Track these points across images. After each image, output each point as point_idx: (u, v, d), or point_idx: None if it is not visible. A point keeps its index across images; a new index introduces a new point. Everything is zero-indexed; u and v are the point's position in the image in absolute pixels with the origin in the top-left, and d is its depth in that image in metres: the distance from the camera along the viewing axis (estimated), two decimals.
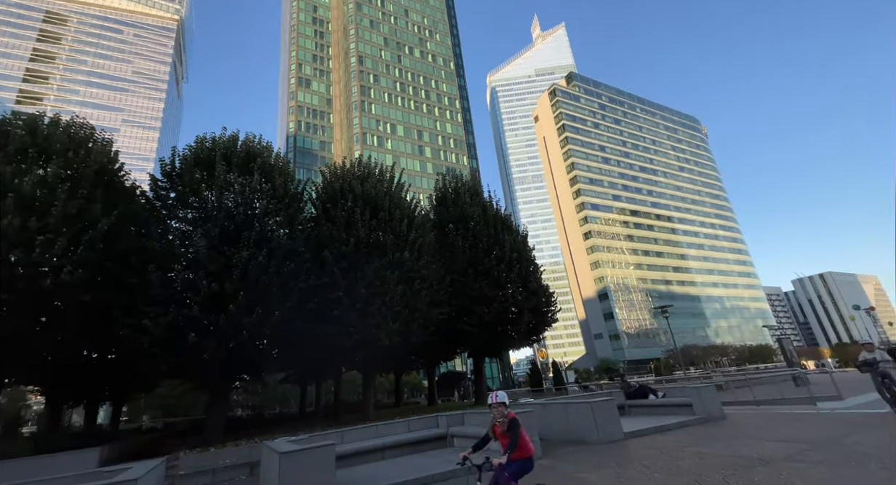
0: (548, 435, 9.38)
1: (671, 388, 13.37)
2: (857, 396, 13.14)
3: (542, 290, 22.40)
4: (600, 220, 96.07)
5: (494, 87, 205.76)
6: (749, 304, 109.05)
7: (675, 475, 5.30)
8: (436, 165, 73.43)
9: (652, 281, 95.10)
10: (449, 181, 23.85)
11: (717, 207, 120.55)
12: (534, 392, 38.50)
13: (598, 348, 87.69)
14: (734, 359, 75.67)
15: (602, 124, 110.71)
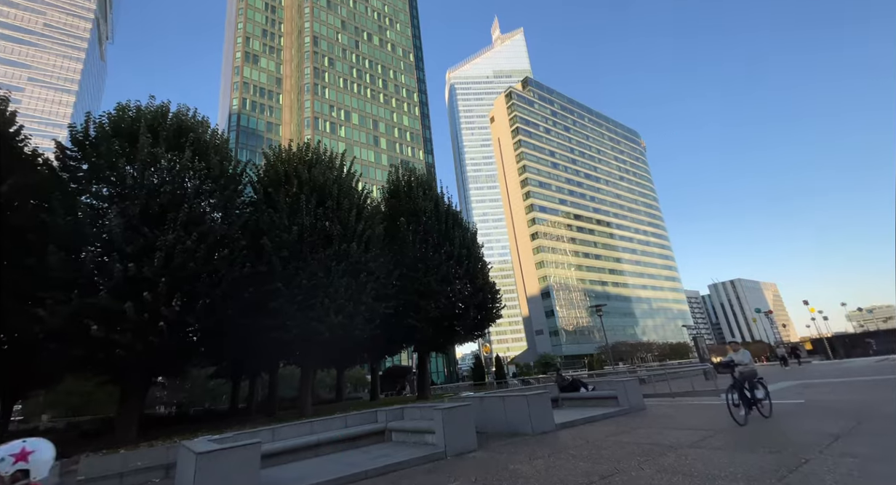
0: (486, 428, 9.58)
1: (601, 382, 14.26)
2: None
3: (488, 286, 22.89)
4: (547, 222, 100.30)
5: (453, 84, 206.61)
6: (672, 305, 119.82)
7: (598, 463, 5.61)
8: (390, 157, 72.25)
9: (590, 281, 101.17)
10: (403, 174, 23.55)
11: (650, 215, 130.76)
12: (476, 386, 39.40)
13: (538, 344, 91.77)
14: (657, 355, 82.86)
15: (553, 131, 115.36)
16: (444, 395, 25.42)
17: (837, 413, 7.80)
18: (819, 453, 5.02)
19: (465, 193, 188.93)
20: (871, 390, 11.12)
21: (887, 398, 9.26)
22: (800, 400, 10.57)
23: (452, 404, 8.31)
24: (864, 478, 3.98)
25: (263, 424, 13.05)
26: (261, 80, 72.81)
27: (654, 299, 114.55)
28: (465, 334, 23.25)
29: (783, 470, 4.45)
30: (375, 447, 9.26)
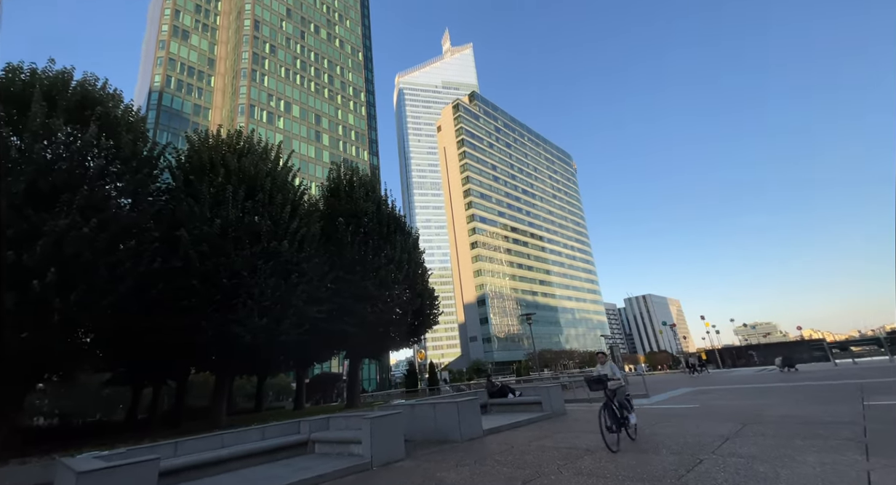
0: (416, 436, 9.43)
1: (527, 387, 14.79)
2: (659, 394, 16.41)
3: (427, 292, 22.87)
4: (486, 232, 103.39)
5: (402, 89, 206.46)
6: (593, 316, 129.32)
7: (521, 468, 5.75)
8: (333, 155, 69.86)
9: (522, 291, 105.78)
10: (345, 172, 22.79)
11: (577, 232, 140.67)
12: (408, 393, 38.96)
13: (471, 350, 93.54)
14: (577, 362, 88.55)
15: (496, 146, 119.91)
16: (375, 403, 24.76)
17: (726, 417, 8.82)
18: (712, 453, 5.61)
19: (410, 198, 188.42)
20: (754, 397, 12.79)
21: (767, 403, 10.70)
22: (695, 404, 11.83)
23: (382, 413, 8.06)
24: (748, 475, 4.49)
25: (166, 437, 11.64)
26: (191, 58, 66.71)
27: (577, 310, 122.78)
28: (401, 340, 22.93)
29: (682, 469, 4.89)
30: (296, 460, 8.66)
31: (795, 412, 8.57)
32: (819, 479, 4.09)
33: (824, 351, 37.39)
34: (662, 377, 34.10)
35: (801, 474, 4.30)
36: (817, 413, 8.20)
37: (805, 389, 13.41)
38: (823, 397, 10.96)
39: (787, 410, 9.06)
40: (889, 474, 4.03)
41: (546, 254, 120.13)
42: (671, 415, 9.90)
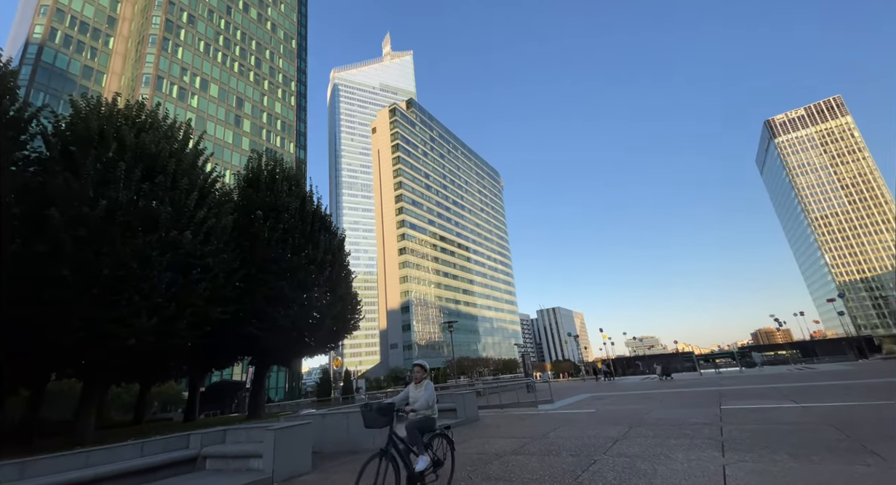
0: (326, 447, 8.95)
1: (443, 394, 14.93)
2: (563, 399, 17.69)
3: (350, 297, 22.05)
4: (416, 239, 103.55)
5: (337, 85, 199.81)
6: (509, 326, 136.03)
7: None
8: (254, 143, 64.79)
9: (446, 299, 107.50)
10: (267, 163, 21.20)
11: (500, 245, 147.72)
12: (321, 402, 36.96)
13: (391, 358, 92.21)
14: (492, 370, 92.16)
15: (430, 155, 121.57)
16: (281, 413, 23.07)
17: (616, 421, 9.78)
18: (604, 454, 6.15)
19: (338, 197, 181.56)
20: (639, 402, 14.36)
21: (648, 408, 12.07)
22: (592, 410, 12.95)
23: (288, 424, 7.51)
24: (632, 473, 4.99)
25: (12, 456, 9.53)
26: (85, 12, 57.48)
27: (495, 319, 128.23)
28: (317, 346, 21.73)
29: (578, 470, 5.28)
30: (182, 478, 7.64)
31: (670, 415, 9.80)
32: (686, 473, 4.69)
33: (693, 362, 43.71)
34: (566, 384, 36.88)
35: (673, 469, 4.91)
36: (686, 416, 9.47)
37: (677, 395, 15.45)
38: (691, 401, 12.72)
39: (663, 413, 10.33)
40: (740, 467, 4.78)
41: (471, 264, 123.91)
42: (572, 419, 10.70)
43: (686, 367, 42.80)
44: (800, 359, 45.76)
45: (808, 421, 7.44)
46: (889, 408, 8.27)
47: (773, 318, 61.26)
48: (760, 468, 4.61)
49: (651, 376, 38.50)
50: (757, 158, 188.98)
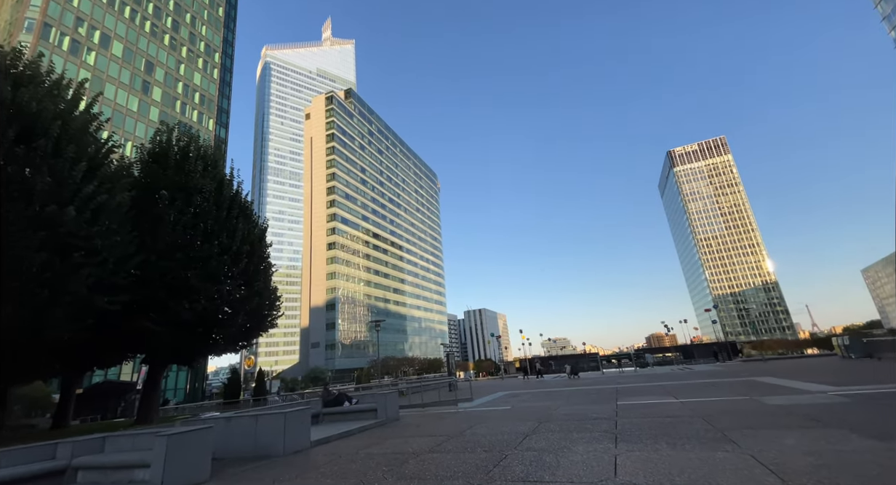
0: (229, 453, 8.24)
1: (365, 395, 14.64)
2: (482, 397, 18.38)
3: (268, 291, 20.58)
4: (347, 234, 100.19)
5: (270, 63, 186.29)
6: (436, 326, 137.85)
7: (344, 478, 5.57)
8: (166, 115, 57.85)
9: (375, 298, 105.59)
10: (179, 138, 18.99)
11: (433, 246, 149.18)
12: (227, 404, 34.07)
13: (312, 357, 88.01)
14: (417, 369, 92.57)
15: (367, 149, 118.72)
16: (178, 417, 20.80)
17: (528, 417, 10.40)
18: (514, 448, 6.50)
19: (263, 183, 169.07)
20: (549, 399, 15.42)
21: (556, 404, 13.02)
22: (508, 407, 13.63)
23: (184, 429, 6.78)
24: (538, 465, 5.34)
25: None
26: None
27: (424, 319, 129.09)
28: (227, 344, 19.94)
29: (490, 465, 5.52)
30: None
31: (574, 411, 10.69)
32: (585, 464, 5.16)
33: (597, 362, 48.26)
34: (487, 383, 38.34)
35: (574, 460, 5.37)
36: (588, 411, 10.40)
37: (582, 392, 16.91)
38: (593, 398, 14.00)
39: (569, 409, 11.23)
40: (628, 456, 5.36)
41: (404, 263, 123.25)
42: (488, 417, 11.15)
43: (591, 366, 47.04)
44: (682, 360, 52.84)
45: (684, 414, 8.61)
46: (745, 402, 9.88)
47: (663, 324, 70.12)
48: (645, 457, 5.23)
49: (561, 374, 41.65)
50: (659, 183, 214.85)
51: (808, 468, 4.16)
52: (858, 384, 11.59)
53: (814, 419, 6.77)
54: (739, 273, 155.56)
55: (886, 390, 9.85)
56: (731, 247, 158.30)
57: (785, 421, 6.88)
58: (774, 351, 76.21)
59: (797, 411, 7.71)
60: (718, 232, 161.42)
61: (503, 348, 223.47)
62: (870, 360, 22.88)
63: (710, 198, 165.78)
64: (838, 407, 7.85)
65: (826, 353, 37.51)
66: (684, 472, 4.41)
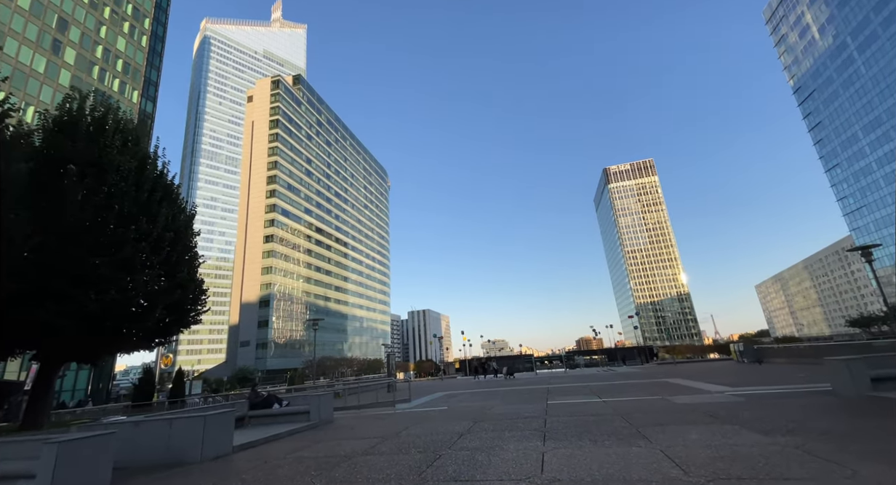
0: (137, 461, 7.44)
1: (298, 396, 13.97)
2: (420, 398, 18.36)
3: (193, 284, 18.86)
4: (287, 228, 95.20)
5: (209, 37, 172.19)
6: (378, 326, 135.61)
7: (269, 484, 5.26)
8: (79, 80, 51.18)
9: (315, 296, 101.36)
10: (94, 107, 16.83)
11: (380, 245, 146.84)
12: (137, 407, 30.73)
13: (240, 357, 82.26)
14: (356, 370, 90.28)
15: (315, 140, 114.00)
16: (75, 421, 18.43)
17: (464, 416, 10.57)
18: (448, 448, 6.56)
19: (194, 166, 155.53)
20: (486, 398, 15.81)
21: (492, 404, 13.38)
22: (445, 407, 13.75)
23: (79, 435, 6.00)
24: (470, 464, 5.43)
25: None
26: None
27: (366, 319, 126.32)
28: (141, 341, 17.94)
29: (423, 465, 5.52)
30: None
31: (508, 410, 11.06)
32: (514, 461, 5.34)
33: (532, 364, 50.49)
34: (426, 383, 38.40)
35: (505, 458, 5.54)
36: (520, 410, 10.81)
37: (517, 392, 17.57)
38: (526, 397, 14.60)
39: (504, 409, 11.60)
40: (554, 453, 5.65)
41: (347, 261, 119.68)
42: (425, 417, 11.16)
43: (526, 367, 49.08)
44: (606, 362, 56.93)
45: (605, 413, 9.26)
46: (658, 401, 10.86)
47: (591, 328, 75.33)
48: (569, 453, 5.54)
49: (499, 375, 42.93)
50: (595, 197, 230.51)
51: (707, 460, 4.66)
52: (750, 385, 13.26)
53: (713, 416, 7.62)
54: (659, 284, 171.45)
55: (771, 391, 11.37)
56: (653, 260, 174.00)
57: (690, 418, 7.67)
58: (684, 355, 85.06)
59: (700, 409, 8.63)
60: (643, 246, 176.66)
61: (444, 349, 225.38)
62: (759, 364, 26.32)
63: (638, 214, 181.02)
64: (733, 406, 8.90)
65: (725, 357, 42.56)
66: (603, 467, 4.74)
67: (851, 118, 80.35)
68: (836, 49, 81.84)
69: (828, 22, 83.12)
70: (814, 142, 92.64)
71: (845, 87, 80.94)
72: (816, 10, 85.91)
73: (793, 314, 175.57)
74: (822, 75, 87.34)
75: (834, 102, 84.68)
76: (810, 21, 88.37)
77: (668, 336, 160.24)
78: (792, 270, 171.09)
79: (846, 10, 77.79)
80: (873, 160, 76.67)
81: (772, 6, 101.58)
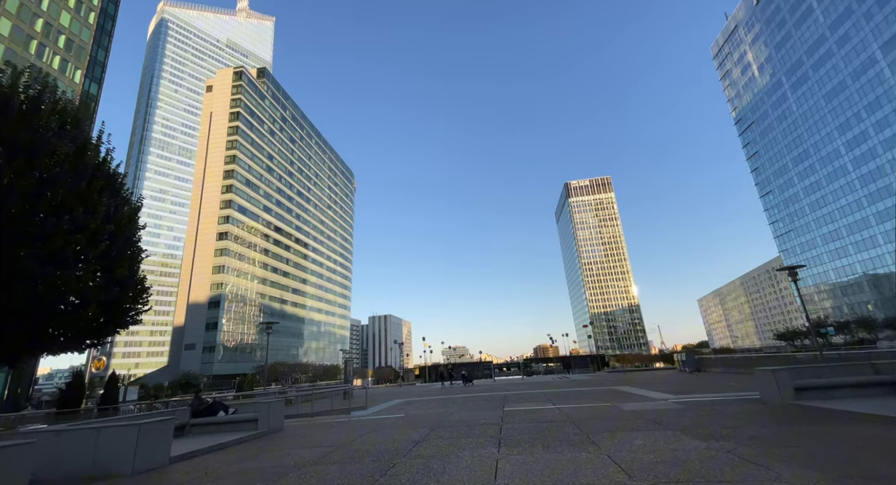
0: (59, 472, 6.77)
1: (246, 403, 13.29)
2: (377, 405, 18.00)
3: (134, 282, 17.52)
4: (244, 225, 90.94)
5: (166, 20, 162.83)
6: (337, 330, 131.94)
7: None
8: (13, 54, 46.65)
9: (270, 298, 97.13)
10: (27, 83, 15.37)
11: (343, 248, 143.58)
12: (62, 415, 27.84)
13: (185, 360, 76.99)
14: (311, 376, 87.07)
15: (278, 135, 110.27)
16: None
17: (421, 424, 10.47)
18: (403, 457, 6.46)
19: (143, 156, 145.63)
20: (443, 406, 15.76)
21: (449, 411, 13.35)
22: (402, 414, 13.57)
23: None
24: (425, 473, 5.38)
25: None
26: None
27: (324, 323, 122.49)
28: (70, 342, 16.38)
29: (377, 474, 5.40)
30: None
31: (465, 417, 11.09)
32: (469, 469, 5.35)
33: (490, 370, 51.04)
34: (385, 390, 37.71)
35: (460, 466, 5.53)
36: (477, 417, 10.88)
37: (474, 399, 17.67)
38: (483, 404, 14.71)
39: (460, 416, 11.61)
40: (508, 460, 5.71)
41: (307, 262, 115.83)
42: (381, 425, 10.94)
43: (485, 374, 49.48)
44: (562, 370, 58.62)
45: (559, 419, 9.51)
46: (608, 408, 11.30)
47: (549, 336, 77.59)
48: (522, 460, 5.63)
49: (458, 381, 42.98)
50: (556, 210, 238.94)
51: (650, 465, 4.90)
52: (690, 393, 14.13)
53: (656, 423, 8.04)
54: (612, 295, 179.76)
55: (709, 399, 12.17)
56: (607, 272, 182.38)
57: (636, 424, 8.05)
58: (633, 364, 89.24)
59: (645, 416, 9.08)
60: (599, 258, 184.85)
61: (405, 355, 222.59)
62: (699, 373, 28.14)
63: (595, 228, 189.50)
64: (674, 413, 9.44)
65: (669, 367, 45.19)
66: (554, 473, 4.86)
67: (783, 150, 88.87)
68: (773, 86, 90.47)
69: (766, 61, 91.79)
70: (751, 169, 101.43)
71: (779, 121, 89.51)
72: (757, 50, 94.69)
73: (729, 327, 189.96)
74: (759, 109, 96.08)
75: (769, 135, 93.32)
76: (751, 59, 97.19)
77: (619, 345, 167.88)
78: (730, 286, 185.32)
79: (782, 52, 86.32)
80: (800, 189, 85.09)
81: (718, 43, 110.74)
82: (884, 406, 7.45)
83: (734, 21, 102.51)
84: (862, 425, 6.48)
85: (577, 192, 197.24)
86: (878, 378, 9.34)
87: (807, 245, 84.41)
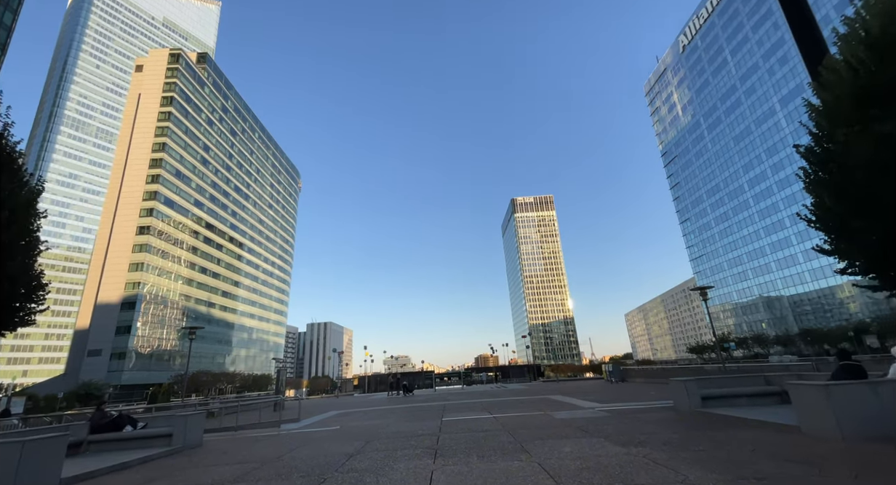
0: None
1: (161, 416, 11.99)
2: (311, 417, 17.14)
3: (28, 277, 15.26)
4: (170, 220, 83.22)
5: None
6: (272, 338, 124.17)
7: None
8: None
9: (196, 300, 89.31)
10: None
11: (283, 250, 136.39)
12: None
13: (86, 368, 67.95)
14: (238, 386, 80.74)
15: (217, 126, 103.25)
16: None
17: (356, 436, 10.15)
18: (335, 471, 6.22)
19: (51, 135, 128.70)
20: (381, 417, 15.40)
21: (387, 423, 13.08)
22: (337, 426, 13.05)
23: None
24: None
25: None
26: None
27: (256, 330, 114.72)
28: None
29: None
30: None
31: (402, 428, 10.94)
32: (404, 481, 5.28)
33: (431, 380, 50.88)
34: (320, 401, 36.01)
35: (395, 478, 5.44)
36: (415, 428, 10.78)
37: (414, 409, 17.50)
38: (422, 415, 14.62)
39: (398, 427, 11.43)
40: (444, 471, 5.72)
41: (241, 263, 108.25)
42: (313, 438, 10.43)
43: (426, 384, 49.19)
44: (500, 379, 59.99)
45: (494, 428, 9.72)
46: (540, 417, 11.75)
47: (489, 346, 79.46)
48: (457, 470, 5.67)
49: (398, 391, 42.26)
50: (502, 224, 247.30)
51: (576, 471, 5.18)
52: (615, 402, 15.14)
53: (584, 430, 8.52)
54: (549, 308, 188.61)
55: (630, 407, 13.12)
56: (546, 285, 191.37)
57: (565, 432, 8.46)
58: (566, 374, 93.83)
59: (574, 424, 9.58)
60: (539, 272, 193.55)
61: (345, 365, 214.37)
62: (623, 382, 30.27)
63: (537, 243, 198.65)
64: (600, 420, 10.07)
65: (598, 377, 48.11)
66: (487, 481, 4.96)
67: (699, 183, 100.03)
68: (693, 126, 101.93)
69: (688, 103, 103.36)
70: (673, 198, 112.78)
71: (697, 157, 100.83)
72: (681, 92, 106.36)
73: (650, 340, 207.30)
74: (681, 145, 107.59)
75: (688, 168, 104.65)
76: (676, 100, 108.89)
77: (554, 356, 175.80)
78: (652, 302, 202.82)
79: (702, 96, 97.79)
80: (712, 218, 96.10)
81: (650, 82, 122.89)
82: (774, 413, 8.54)
83: (664, 64, 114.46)
84: (754, 431, 7.38)
85: (523, 208, 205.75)
86: (769, 389, 10.68)
87: (716, 268, 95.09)
